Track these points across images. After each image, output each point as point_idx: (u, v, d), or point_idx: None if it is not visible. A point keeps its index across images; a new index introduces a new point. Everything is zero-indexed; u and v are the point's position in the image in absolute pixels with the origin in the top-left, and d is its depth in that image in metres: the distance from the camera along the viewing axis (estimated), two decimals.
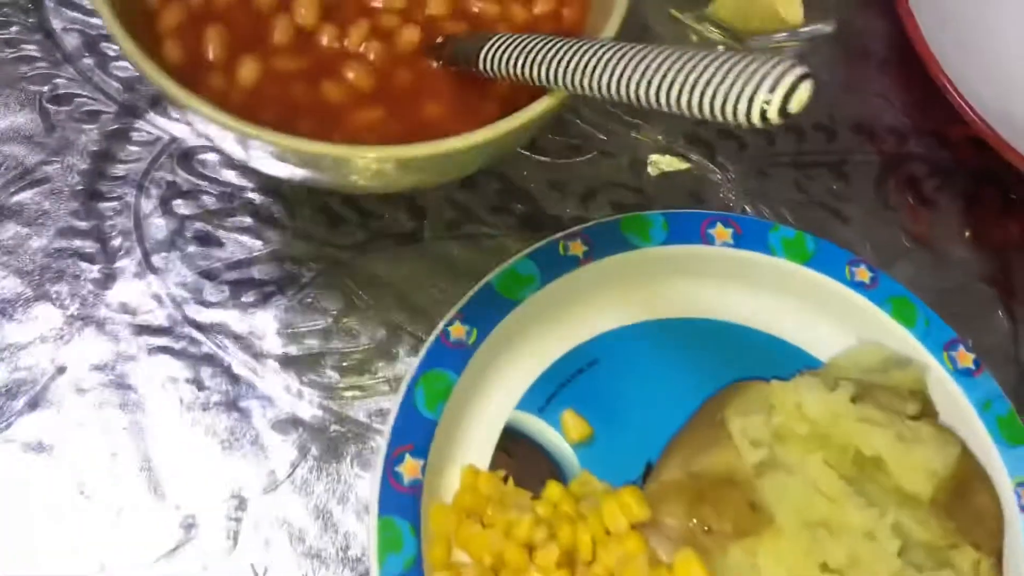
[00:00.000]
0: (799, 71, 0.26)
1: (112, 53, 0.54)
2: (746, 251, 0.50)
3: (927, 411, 0.46)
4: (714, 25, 0.52)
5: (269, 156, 0.39)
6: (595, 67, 0.33)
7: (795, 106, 0.26)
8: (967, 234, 0.57)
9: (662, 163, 0.56)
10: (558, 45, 0.36)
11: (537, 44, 0.37)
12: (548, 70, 0.35)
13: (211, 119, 0.36)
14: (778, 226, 0.51)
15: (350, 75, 0.42)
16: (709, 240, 0.50)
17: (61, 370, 0.46)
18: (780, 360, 0.49)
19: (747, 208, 0.55)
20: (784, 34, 0.54)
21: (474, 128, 0.38)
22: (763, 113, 0.26)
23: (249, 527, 0.44)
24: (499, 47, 0.38)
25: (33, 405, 0.45)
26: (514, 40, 0.38)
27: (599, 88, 0.33)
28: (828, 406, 0.43)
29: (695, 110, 0.29)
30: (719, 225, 0.51)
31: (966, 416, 0.48)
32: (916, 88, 0.59)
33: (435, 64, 0.43)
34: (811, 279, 0.50)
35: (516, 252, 0.49)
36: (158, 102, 0.53)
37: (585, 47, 0.34)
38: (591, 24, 0.46)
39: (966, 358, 0.49)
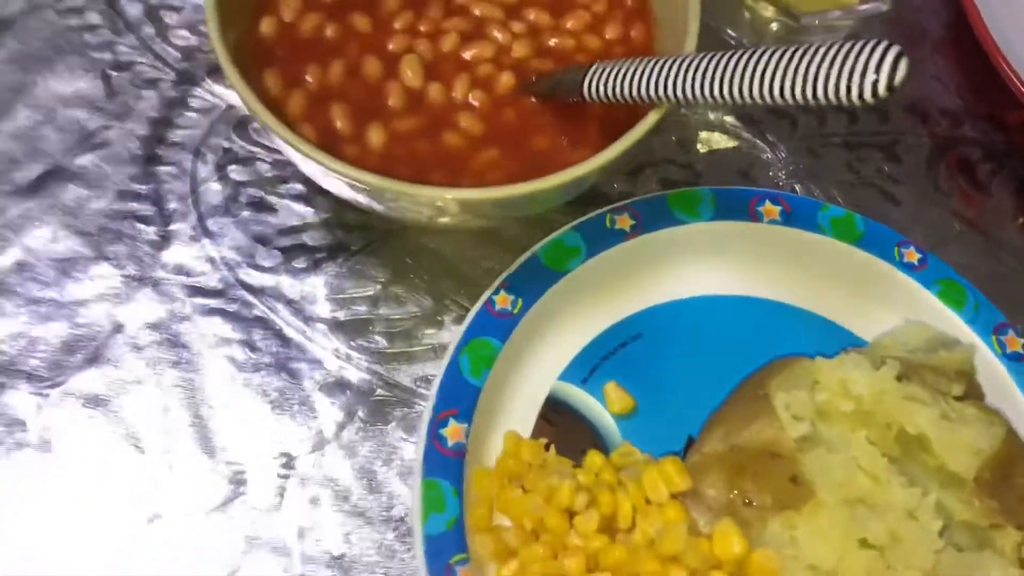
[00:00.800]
0: (896, 50, 0.30)
1: (171, 22, 0.56)
2: (795, 229, 0.50)
3: (973, 392, 0.46)
4: (768, 2, 0.52)
5: (411, 205, 0.43)
6: (706, 74, 0.36)
7: (898, 81, 0.30)
8: (1020, 220, 0.56)
9: (711, 140, 0.56)
10: (661, 63, 0.38)
11: (638, 66, 0.39)
12: (655, 86, 0.38)
13: (359, 180, 0.40)
14: (828, 205, 0.51)
15: (463, 123, 0.45)
16: (758, 217, 0.50)
17: (118, 328, 0.48)
18: (825, 338, 0.49)
19: (797, 187, 0.55)
20: (838, 12, 0.53)
21: (582, 150, 0.43)
22: (874, 90, 0.30)
23: (296, 485, 0.45)
24: (600, 74, 0.41)
25: (91, 360, 0.47)
26: (614, 67, 0.41)
27: (710, 93, 0.36)
28: (873, 384, 0.43)
29: (810, 97, 0.32)
30: (768, 202, 0.51)
31: (1014, 399, 0.47)
32: (972, 70, 0.59)
33: (533, 100, 0.46)
34: (860, 259, 0.50)
35: (563, 226, 0.49)
36: (215, 70, 0.54)
37: (689, 60, 0.37)
38: (659, 43, 0.48)
39: (1015, 342, 0.48)
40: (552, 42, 0.48)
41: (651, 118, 0.41)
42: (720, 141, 0.56)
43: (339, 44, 0.46)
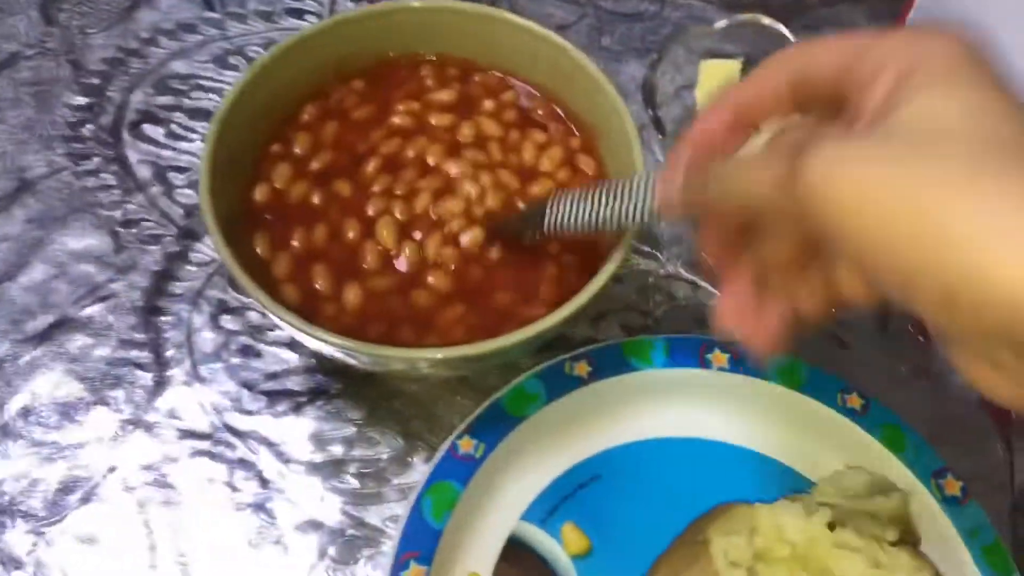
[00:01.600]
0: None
1: (178, 183, 0.61)
2: (741, 375, 0.53)
3: (909, 537, 0.48)
4: None
5: (375, 362, 0.47)
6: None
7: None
8: None
9: (669, 289, 0.60)
10: (609, 187, 0.44)
11: (592, 192, 0.44)
12: (607, 210, 0.43)
13: (329, 342, 0.44)
14: None
15: (432, 280, 0.50)
16: (707, 364, 0.54)
17: (112, 469, 0.52)
18: (769, 480, 0.52)
19: None
20: None
21: (539, 307, 0.48)
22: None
23: None
24: (559, 202, 0.46)
25: (86, 500, 0.51)
26: (568, 195, 0.45)
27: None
28: (806, 531, 0.45)
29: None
30: (717, 350, 0.54)
31: (952, 543, 0.49)
32: None
33: (496, 256, 0.50)
34: (804, 404, 0.53)
35: (527, 371, 0.53)
36: None
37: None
38: None
39: (954, 486, 0.51)
40: (520, 205, 0.53)
41: (600, 279, 0.45)
42: (677, 290, 0.60)
43: (323, 209, 0.51)
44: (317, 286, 0.49)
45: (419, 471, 0.53)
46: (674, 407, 0.54)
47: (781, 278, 0.37)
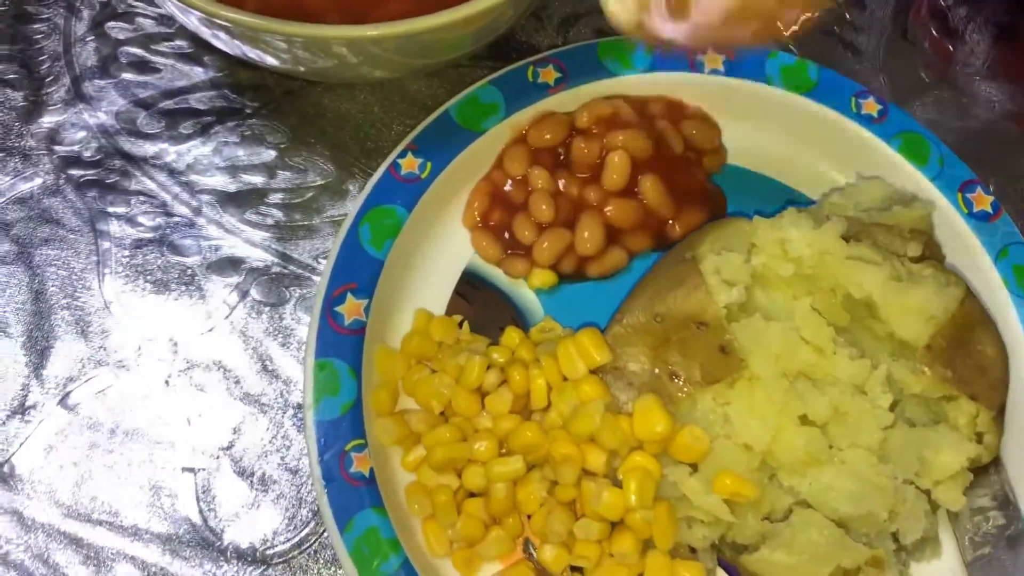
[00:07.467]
0: None
1: None
2: (738, 79, 0.45)
3: (931, 254, 0.41)
4: None
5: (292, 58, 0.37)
6: None
7: None
8: (996, 69, 0.50)
9: None
10: None
11: None
12: None
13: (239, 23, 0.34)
14: (777, 52, 0.45)
15: None
16: (698, 68, 0.45)
17: None
18: (769, 199, 0.44)
19: None
20: None
21: None
22: None
23: (181, 371, 0.41)
24: None
25: None
26: None
27: None
28: (814, 243, 0.38)
29: None
30: (710, 51, 0.45)
31: (979, 263, 0.42)
32: None
33: None
34: (811, 111, 0.45)
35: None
36: None
37: None
38: None
39: (983, 201, 0.43)
40: None
41: None
42: None
43: None
44: None
45: (357, 202, 0.44)
46: None
47: None
